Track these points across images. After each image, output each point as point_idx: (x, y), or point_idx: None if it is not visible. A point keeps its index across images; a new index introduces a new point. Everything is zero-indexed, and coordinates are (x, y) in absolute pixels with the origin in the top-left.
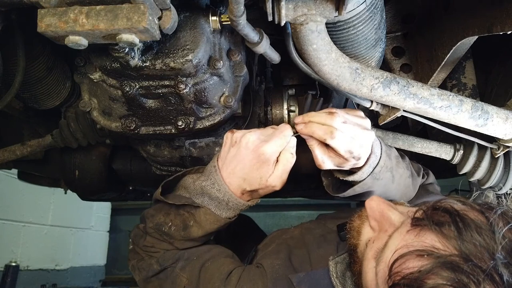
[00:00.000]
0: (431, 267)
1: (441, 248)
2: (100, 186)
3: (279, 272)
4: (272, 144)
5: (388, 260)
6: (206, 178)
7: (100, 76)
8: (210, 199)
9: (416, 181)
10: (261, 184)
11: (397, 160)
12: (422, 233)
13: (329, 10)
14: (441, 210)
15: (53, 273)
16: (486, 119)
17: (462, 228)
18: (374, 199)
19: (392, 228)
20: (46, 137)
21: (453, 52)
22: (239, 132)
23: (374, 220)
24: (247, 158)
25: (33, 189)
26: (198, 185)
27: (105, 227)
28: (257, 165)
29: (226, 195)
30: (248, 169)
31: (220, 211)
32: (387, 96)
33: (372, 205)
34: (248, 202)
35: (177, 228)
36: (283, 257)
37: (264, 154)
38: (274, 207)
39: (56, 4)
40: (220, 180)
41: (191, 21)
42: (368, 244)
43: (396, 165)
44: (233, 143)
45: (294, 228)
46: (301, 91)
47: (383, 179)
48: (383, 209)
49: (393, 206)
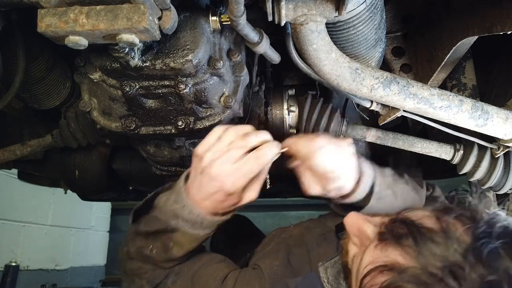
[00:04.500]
0: (393, 282)
1: (402, 263)
2: (100, 186)
3: (278, 274)
4: (244, 176)
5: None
6: (176, 200)
7: (100, 76)
8: (184, 221)
9: (421, 192)
10: (233, 206)
11: (393, 178)
12: (385, 248)
13: (329, 10)
14: (398, 222)
15: (53, 273)
16: (486, 119)
17: (418, 239)
18: (350, 215)
19: (369, 242)
20: (46, 137)
21: (453, 52)
22: (206, 157)
23: (354, 236)
24: (215, 193)
25: (33, 189)
26: (169, 208)
27: (105, 227)
28: (225, 198)
29: (199, 217)
30: (218, 202)
31: (197, 230)
32: (387, 96)
33: (349, 222)
34: (224, 217)
35: (158, 251)
36: (281, 257)
37: (234, 191)
38: (274, 207)
39: (56, 4)
40: (190, 204)
41: (191, 21)
42: (354, 260)
43: (394, 182)
44: (200, 170)
45: (293, 226)
46: (301, 91)
47: (386, 197)
48: (359, 224)
49: (369, 219)
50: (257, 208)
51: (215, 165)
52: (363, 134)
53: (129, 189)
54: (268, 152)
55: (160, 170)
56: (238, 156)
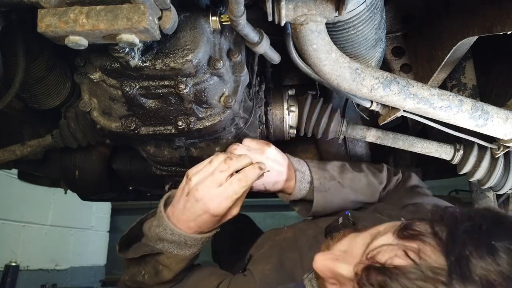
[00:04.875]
0: None
1: None
2: (100, 186)
3: (269, 278)
4: (228, 199)
5: None
6: (158, 224)
7: (100, 76)
8: (168, 242)
9: (379, 176)
10: (217, 223)
11: (340, 169)
12: None
13: (329, 10)
14: (372, 270)
15: (53, 273)
16: (486, 119)
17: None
18: (317, 260)
19: (347, 281)
20: (46, 137)
21: (453, 52)
22: (193, 180)
23: (330, 278)
24: (200, 215)
25: (33, 189)
26: (153, 232)
27: (105, 227)
28: (210, 219)
29: (182, 237)
30: (203, 222)
31: (183, 250)
32: (387, 96)
33: (318, 267)
34: (207, 234)
35: (150, 275)
36: (274, 261)
37: (218, 213)
38: (274, 207)
39: (56, 4)
40: (171, 226)
41: (191, 21)
42: None
43: (340, 173)
44: (186, 192)
45: (287, 228)
46: (301, 91)
47: (330, 188)
48: (329, 266)
49: (340, 257)
50: (257, 208)
51: (200, 188)
52: (363, 134)
53: (129, 189)
54: (250, 174)
55: (160, 170)
56: (222, 179)
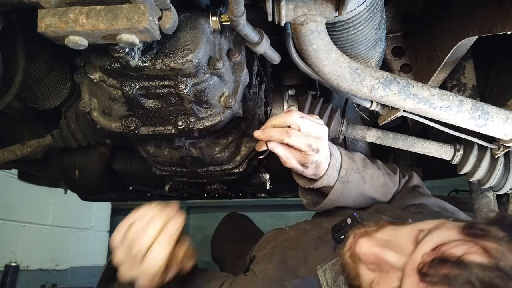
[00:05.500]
0: None
1: None
2: (100, 186)
3: (271, 276)
4: (151, 273)
5: None
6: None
7: (100, 76)
8: None
9: (394, 178)
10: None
11: (363, 162)
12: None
13: (329, 10)
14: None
15: (53, 273)
16: (486, 119)
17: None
18: (363, 245)
19: (394, 270)
20: (46, 137)
21: (453, 52)
22: (117, 257)
23: (372, 264)
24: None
25: (33, 189)
26: None
27: (105, 227)
28: (153, 280)
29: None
30: (150, 281)
31: None
32: (387, 96)
33: (364, 251)
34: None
35: None
36: (276, 260)
37: (152, 279)
38: (274, 207)
39: (56, 4)
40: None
41: (191, 21)
42: (372, 285)
43: (363, 166)
44: (119, 262)
45: (289, 228)
46: (301, 91)
47: (353, 181)
48: (377, 253)
49: (386, 245)
50: (257, 208)
51: (123, 269)
52: (363, 134)
53: (129, 189)
54: (159, 248)
55: (160, 170)
56: (140, 257)
